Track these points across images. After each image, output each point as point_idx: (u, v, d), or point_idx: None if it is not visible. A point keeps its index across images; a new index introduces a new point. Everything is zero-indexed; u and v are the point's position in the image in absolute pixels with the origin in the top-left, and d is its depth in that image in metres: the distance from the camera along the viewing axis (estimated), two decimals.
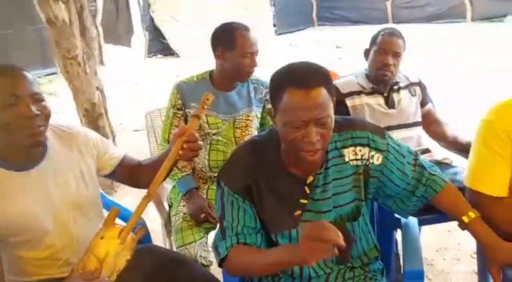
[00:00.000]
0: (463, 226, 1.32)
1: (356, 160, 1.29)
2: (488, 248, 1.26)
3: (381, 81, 2.02)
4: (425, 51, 7.28)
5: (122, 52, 9.13)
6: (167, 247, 2.17)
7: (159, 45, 9.43)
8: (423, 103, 2.13)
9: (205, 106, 1.29)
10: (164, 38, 9.31)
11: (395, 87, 2.07)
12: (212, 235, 1.89)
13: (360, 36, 9.02)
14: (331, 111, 1.17)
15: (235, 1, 10.36)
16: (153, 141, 2.35)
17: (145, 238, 1.70)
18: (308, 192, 1.26)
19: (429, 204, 1.37)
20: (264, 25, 10.72)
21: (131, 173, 1.53)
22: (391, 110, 2.03)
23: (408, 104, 2.07)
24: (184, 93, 1.95)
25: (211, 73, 2.00)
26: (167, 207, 2.16)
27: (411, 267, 1.31)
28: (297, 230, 1.27)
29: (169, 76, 7.72)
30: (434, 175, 1.36)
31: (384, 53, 1.96)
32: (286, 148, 1.23)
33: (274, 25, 10.96)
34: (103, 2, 8.25)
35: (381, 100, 2.05)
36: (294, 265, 1.19)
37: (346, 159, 1.29)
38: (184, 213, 1.89)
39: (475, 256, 2.10)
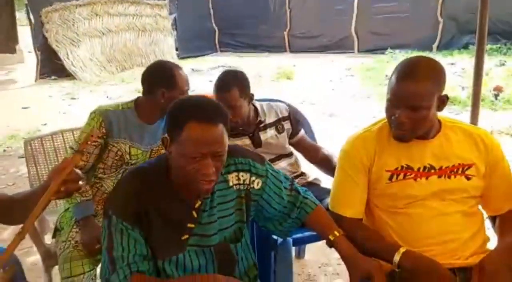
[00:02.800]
0: (329, 243, 1.46)
1: (239, 184, 1.37)
2: (347, 262, 1.40)
3: (241, 125, 2.07)
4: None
5: (11, 74, 8.50)
6: None
7: (52, 66, 8.93)
8: (294, 134, 2.23)
9: (88, 142, 1.27)
10: (59, 59, 8.85)
11: (261, 126, 2.15)
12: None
13: (259, 64, 9.48)
14: (227, 146, 1.24)
15: (134, 23, 10.25)
16: (33, 170, 2.23)
17: (19, 276, 1.61)
18: (195, 216, 1.31)
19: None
20: (166, 48, 10.73)
21: (1, 210, 1.43)
22: (258, 149, 2.11)
23: (275, 141, 2.17)
24: (111, 123, 1.87)
25: (135, 102, 1.96)
26: (46, 240, 2.05)
27: None
28: (183, 254, 1.30)
29: (62, 99, 7.37)
30: (306, 198, 1.49)
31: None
32: (179, 177, 1.26)
33: (177, 49, 11.00)
34: None
35: (247, 141, 2.13)
36: None
37: (230, 184, 1.36)
38: (76, 241, 1.79)
39: None
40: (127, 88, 7.85)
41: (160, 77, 1.91)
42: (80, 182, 1.24)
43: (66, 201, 1.92)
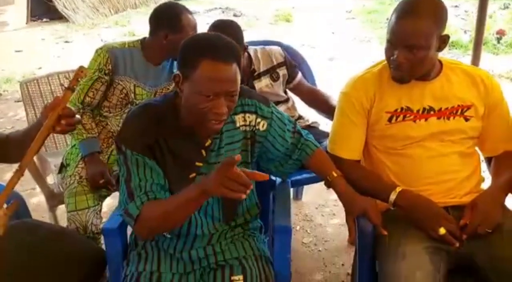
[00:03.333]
0: (327, 184, 1.49)
1: (245, 125, 1.38)
2: (344, 201, 1.44)
3: None
4: None
5: (1, 16, 8.22)
6: (52, 221, 2.12)
7: (44, 8, 8.63)
8: (290, 79, 2.19)
9: (79, 79, 1.26)
10: (50, 0, 8.54)
11: (255, 75, 2.11)
12: (106, 202, 1.89)
13: (256, 5, 9.16)
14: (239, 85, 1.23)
15: None
16: (31, 112, 2.23)
17: (23, 213, 1.66)
18: (204, 155, 1.32)
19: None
20: None
21: None
22: None
23: (270, 90, 2.14)
24: (117, 59, 1.87)
25: (142, 42, 1.95)
26: (50, 179, 2.09)
27: (280, 223, 1.44)
28: None
29: (56, 43, 7.19)
30: (307, 140, 1.51)
31: None
32: (190, 115, 1.25)
33: None
34: None
35: None
36: (203, 198, 1.17)
37: (237, 125, 1.37)
38: (81, 177, 1.84)
39: None
40: (121, 31, 7.65)
41: (165, 19, 1.88)
42: (77, 116, 1.25)
43: (73, 137, 1.95)
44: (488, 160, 1.58)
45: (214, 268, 1.34)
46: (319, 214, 2.63)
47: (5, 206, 1.26)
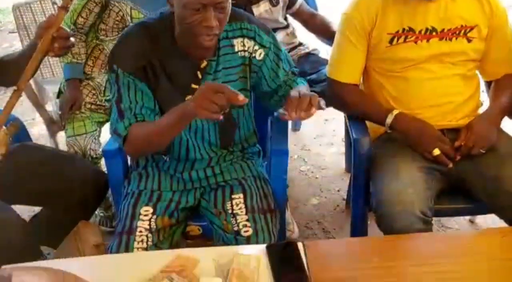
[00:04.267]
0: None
1: (244, 51, 1.34)
2: None
3: None
4: None
5: None
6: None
7: None
8: (290, 4, 2.12)
9: None
10: None
11: (253, 0, 2.02)
12: (104, 128, 1.92)
13: None
14: None
15: None
16: (26, 39, 2.19)
17: (24, 137, 1.68)
18: (200, 77, 1.30)
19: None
20: None
21: None
22: None
23: (269, 16, 2.05)
24: None
25: None
26: (49, 107, 2.10)
27: (277, 146, 1.46)
28: None
29: None
30: (299, 83, 1.40)
31: None
32: (182, 32, 1.23)
33: None
34: None
35: None
36: (188, 120, 1.20)
37: (236, 49, 1.33)
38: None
39: None
40: None
41: None
42: (72, 39, 1.23)
43: (60, 59, 1.94)
44: (488, 84, 1.58)
45: (215, 188, 1.38)
46: (317, 144, 2.67)
47: (4, 128, 1.27)
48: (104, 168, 1.63)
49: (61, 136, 2.07)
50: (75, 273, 0.87)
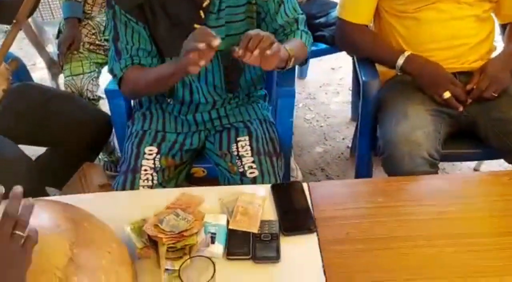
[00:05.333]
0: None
1: None
2: None
3: None
4: None
5: None
6: None
7: None
8: None
9: None
10: None
11: None
12: (104, 70, 1.88)
13: None
14: None
15: None
16: None
17: (25, 76, 1.65)
18: (202, 16, 1.25)
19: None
20: None
21: None
22: None
23: None
24: None
25: None
26: (49, 48, 2.06)
27: (284, 87, 1.42)
28: None
29: None
30: (300, 31, 1.31)
31: None
32: None
33: None
34: None
35: None
36: (181, 75, 1.19)
37: None
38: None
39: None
40: None
41: None
42: None
43: None
44: (503, 28, 1.51)
45: (220, 131, 1.36)
46: (322, 92, 2.63)
47: (5, 63, 1.25)
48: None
49: (63, 78, 2.04)
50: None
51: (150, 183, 1.22)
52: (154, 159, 1.26)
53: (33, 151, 1.52)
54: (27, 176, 1.23)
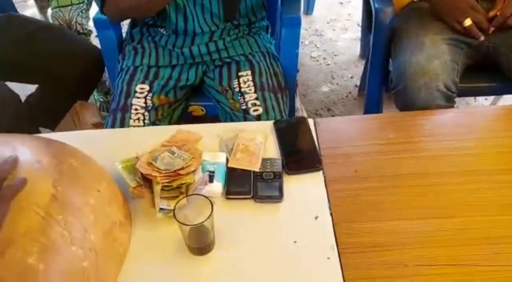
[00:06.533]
0: None
1: None
2: None
3: None
4: None
5: None
6: None
7: None
8: None
9: None
10: None
11: None
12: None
13: None
14: None
15: None
16: None
17: (8, 5, 1.53)
18: None
19: None
20: None
21: None
22: None
23: None
24: None
25: None
26: None
27: (289, 14, 1.30)
28: None
29: None
30: None
31: None
32: None
33: None
34: None
35: None
36: None
37: None
38: None
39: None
40: None
41: None
42: None
43: None
44: None
45: (219, 65, 1.26)
46: (330, 29, 2.48)
47: None
48: None
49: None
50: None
51: (141, 123, 1.14)
52: (145, 97, 1.17)
53: (22, 91, 1.44)
54: (14, 116, 1.16)
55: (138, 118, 1.15)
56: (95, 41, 1.63)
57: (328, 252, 0.77)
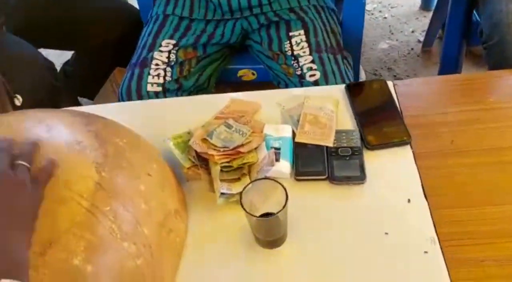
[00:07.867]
0: None
1: None
2: None
3: None
4: None
5: None
6: None
7: None
8: None
9: None
10: None
11: None
12: None
13: None
14: None
15: None
16: None
17: None
18: None
19: None
20: None
21: None
22: None
23: None
24: None
25: None
26: None
27: None
28: None
29: None
30: None
31: None
32: None
33: None
34: None
35: None
36: None
37: None
38: None
39: None
40: None
41: None
42: None
43: None
44: None
45: (265, 25, 1.09)
46: None
47: None
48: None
49: None
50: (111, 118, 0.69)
51: (161, 80, 1.01)
52: (169, 52, 1.04)
53: (57, 58, 1.34)
54: (50, 87, 1.05)
55: (158, 74, 1.01)
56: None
57: (425, 245, 0.63)
